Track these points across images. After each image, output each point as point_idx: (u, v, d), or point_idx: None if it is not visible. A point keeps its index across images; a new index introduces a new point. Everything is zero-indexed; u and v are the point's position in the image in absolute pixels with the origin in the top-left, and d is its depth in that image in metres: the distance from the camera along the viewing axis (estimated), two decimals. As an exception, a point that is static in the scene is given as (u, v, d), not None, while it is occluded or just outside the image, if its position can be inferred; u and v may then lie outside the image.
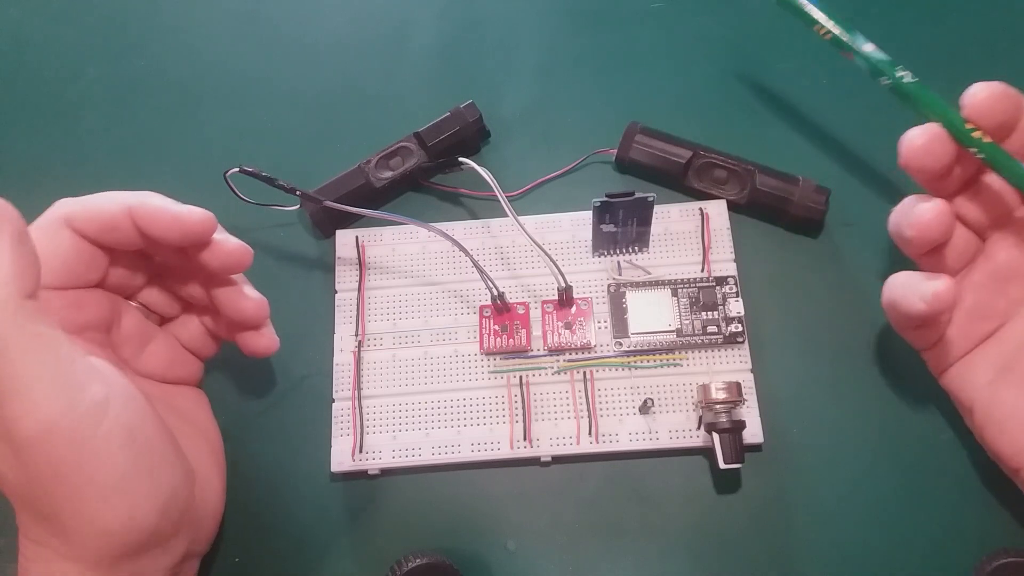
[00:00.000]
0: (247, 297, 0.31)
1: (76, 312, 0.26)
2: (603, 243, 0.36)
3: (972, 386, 0.31)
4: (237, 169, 0.35)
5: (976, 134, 0.28)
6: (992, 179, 0.30)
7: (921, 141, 0.29)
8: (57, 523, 0.24)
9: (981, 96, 0.28)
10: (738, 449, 0.31)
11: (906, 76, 0.30)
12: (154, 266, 0.33)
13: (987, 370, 0.30)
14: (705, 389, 0.32)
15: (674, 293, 0.35)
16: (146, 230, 0.29)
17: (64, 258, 0.28)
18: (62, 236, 0.28)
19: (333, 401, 0.35)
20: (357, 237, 0.38)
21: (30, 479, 0.23)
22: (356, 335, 0.36)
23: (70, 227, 0.28)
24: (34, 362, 0.23)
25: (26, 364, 0.23)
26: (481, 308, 0.36)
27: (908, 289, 0.30)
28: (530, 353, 0.35)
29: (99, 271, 0.30)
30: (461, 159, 0.36)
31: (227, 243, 0.30)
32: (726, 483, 0.34)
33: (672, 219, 0.37)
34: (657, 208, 0.35)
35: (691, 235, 0.37)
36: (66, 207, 0.29)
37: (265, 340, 0.32)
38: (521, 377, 0.35)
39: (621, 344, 0.35)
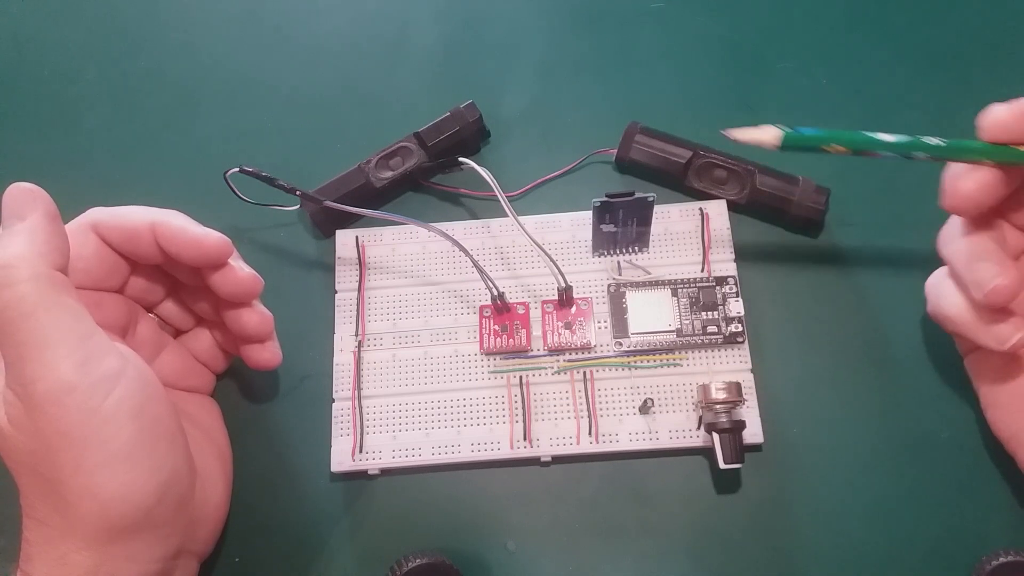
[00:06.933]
0: (251, 311, 0.32)
1: (94, 310, 0.27)
2: (603, 243, 0.36)
3: (986, 368, 0.31)
4: (237, 169, 0.35)
5: None
6: None
7: (969, 189, 0.28)
8: (58, 491, 0.25)
9: (1004, 116, 0.28)
10: (738, 449, 0.31)
11: (937, 141, 0.29)
12: (172, 282, 0.34)
13: (1002, 356, 0.30)
14: (705, 389, 0.32)
15: (674, 293, 0.35)
16: (165, 246, 0.30)
17: (88, 260, 0.30)
18: (88, 239, 0.30)
19: (333, 401, 0.35)
20: (357, 237, 0.38)
21: (38, 441, 0.24)
22: (356, 335, 0.36)
23: (96, 232, 0.30)
24: (57, 328, 0.25)
25: (49, 328, 0.24)
26: (481, 308, 0.36)
27: (980, 325, 0.29)
28: (530, 353, 0.35)
29: (120, 278, 0.32)
30: (461, 159, 0.36)
31: (240, 271, 0.31)
32: (726, 483, 0.34)
33: (672, 219, 0.37)
34: (657, 208, 0.35)
35: (691, 235, 0.37)
36: (95, 214, 0.31)
37: (267, 354, 0.33)
38: (521, 377, 0.35)
39: (621, 344, 0.35)
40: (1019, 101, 0.28)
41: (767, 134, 0.30)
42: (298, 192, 0.36)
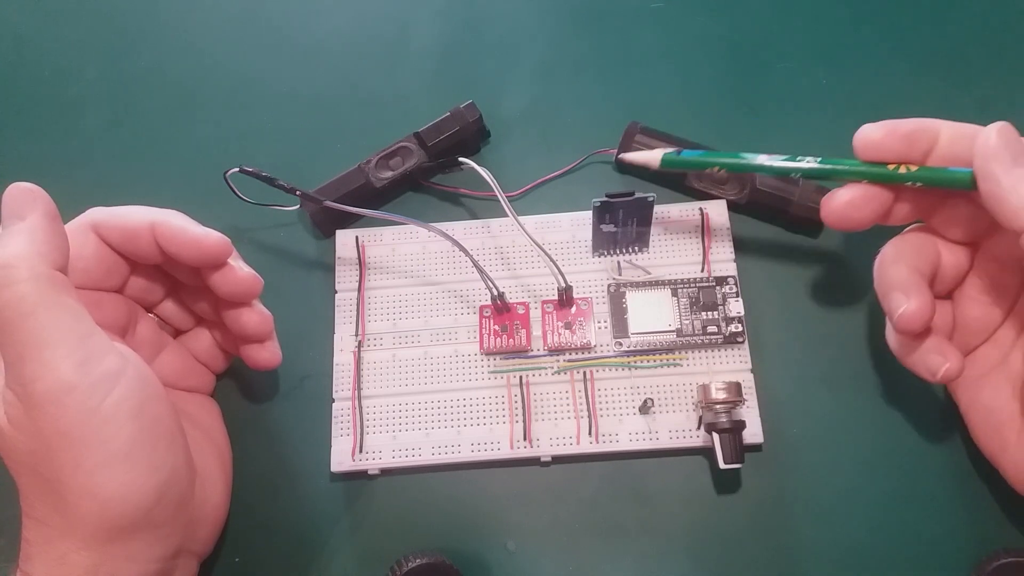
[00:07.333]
0: (251, 311, 0.32)
1: (94, 310, 0.27)
2: (603, 243, 0.36)
3: (964, 382, 0.31)
4: (237, 169, 0.35)
5: (901, 169, 0.29)
6: (961, 197, 0.30)
7: (839, 204, 0.30)
8: (58, 491, 0.25)
9: (876, 136, 0.29)
10: (738, 449, 0.31)
11: (810, 161, 0.30)
12: (172, 282, 0.34)
13: (976, 368, 0.31)
14: (705, 389, 0.32)
15: (674, 293, 0.35)
16: (165, 246, 0.30)
17: (88, 260, 0.30)
18: (88, 239, 0.30)
19: (333, 401, 0.35)
20: (357, 237, 0.38)
21: (38, 441, 0.24)
22: (356, 335, 0.36)
23: (96, 232, 0.30)
24: (56, 327, 0.25)
25: (49, 328, 0.24)
26: (481, 308, 0.36)
27: (914, 358, 0.30)
28: (530, 353, 0.35)
29: (119, 278, 0.32)
30: (461, 159, 0.36)
31: (240, 271, 0.31)
32: (726, 483, 0.34)
33: (672, 219, 0.37)
34: (657, 208, 0.35)
35: (691, 235, 0.37)
36: (95, 214, 0.31)
37: (267, 353, 0.33)
38: (521, 377, 0.35)
39: (621, 344, 0.35)
40: (889, 121, 0.29)
41: (653, 155, 0.32)
42: (298, 192, 0.36)
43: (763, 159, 0.31)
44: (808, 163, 0.30)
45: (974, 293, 0.31)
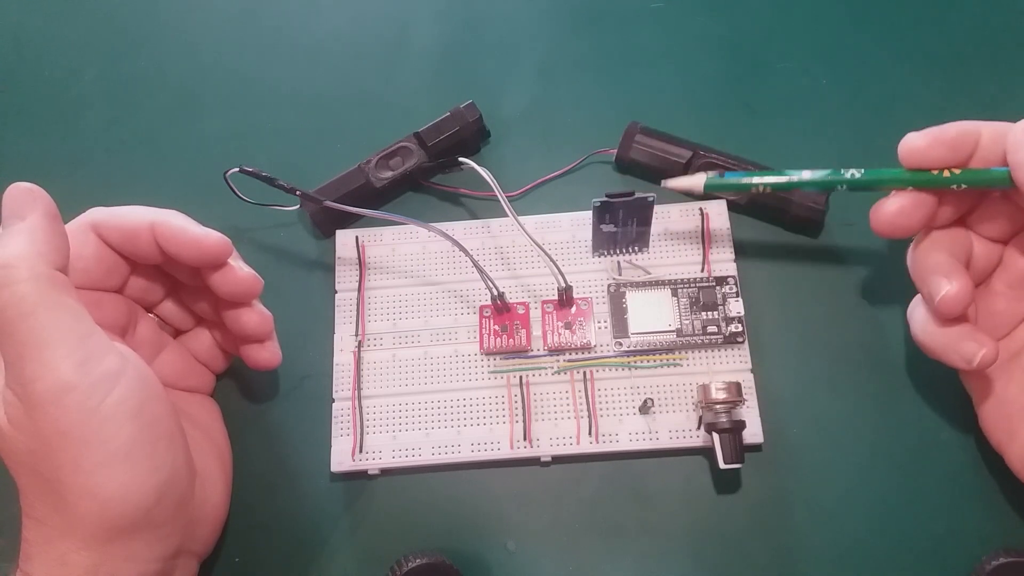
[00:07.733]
0: (251, 311, 0.32)
1: (94, 310, 0.27)
2: (603, 243, 0.36)
3: (973, 381, 0.32)
4: (237, 169, 0.35)
5: (945, 173, 0.29)
6: (997, 195, 0.30)
7: (890, 213, 0.30)
8: (57, 491, 0.25)
9: (919, 144, 0.29)
10: (738, 449, 0.31)
11: (855, 172, 0.31)
12: (172, 282, 0.34)
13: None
14: (705, 389, 0.32)
15: (674, 293, 0.35)
16: (164, 246, 0.30)
17: (88, 260, 0.30)
18: (88, 239, 0.30)
19: (333, 401, 0.35)
20: (357, 237, 0.38)
21: (38, 441, 0.25)
22: (356, 335, 0.36)
23: (96, 232, 0.30)
24: (56, 327, 0.25)
25: (49, 328, 0.25)
26: (481, 308, 0.36)
27: (948, 347, 0.30)
28: (530, 353, 0.35)
29: (119, 278, 0.32)
30: (461, 159, 0.36)
31: (240, 271, 0.31)
32: (726, 483, 0.34)
33: (672, 219, 0.37)
34: (657, 208, 0.35)
35: (691, 235, 0.37)
36: (95, 214, 0.31)
37: (267, 353, 0.33)
38: (521, 377, 0.35)
39: (621, 344, 0.35)
40: (933, 129, 0.29)
41: (696, 180, 0.32)
42: (298, 192, 0.36)
43: (806, 175, 0.31)
44: (852, 174, 0.30)
45: (1001, 287, 0.31)
